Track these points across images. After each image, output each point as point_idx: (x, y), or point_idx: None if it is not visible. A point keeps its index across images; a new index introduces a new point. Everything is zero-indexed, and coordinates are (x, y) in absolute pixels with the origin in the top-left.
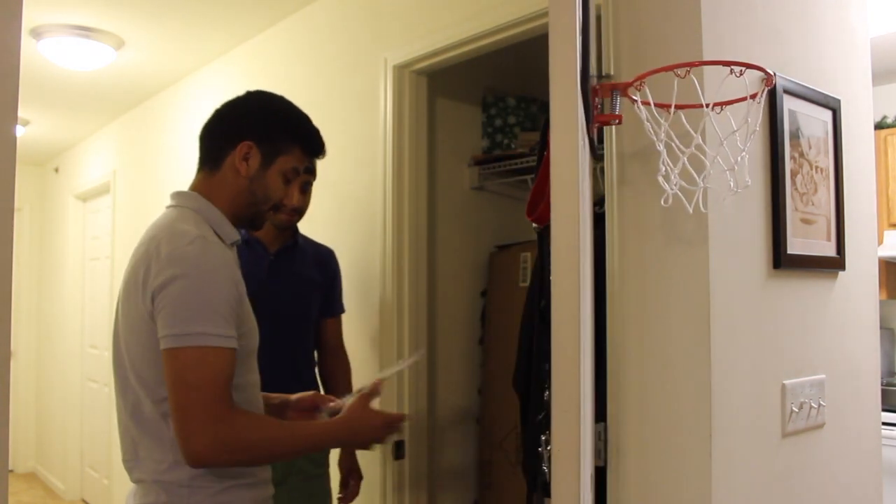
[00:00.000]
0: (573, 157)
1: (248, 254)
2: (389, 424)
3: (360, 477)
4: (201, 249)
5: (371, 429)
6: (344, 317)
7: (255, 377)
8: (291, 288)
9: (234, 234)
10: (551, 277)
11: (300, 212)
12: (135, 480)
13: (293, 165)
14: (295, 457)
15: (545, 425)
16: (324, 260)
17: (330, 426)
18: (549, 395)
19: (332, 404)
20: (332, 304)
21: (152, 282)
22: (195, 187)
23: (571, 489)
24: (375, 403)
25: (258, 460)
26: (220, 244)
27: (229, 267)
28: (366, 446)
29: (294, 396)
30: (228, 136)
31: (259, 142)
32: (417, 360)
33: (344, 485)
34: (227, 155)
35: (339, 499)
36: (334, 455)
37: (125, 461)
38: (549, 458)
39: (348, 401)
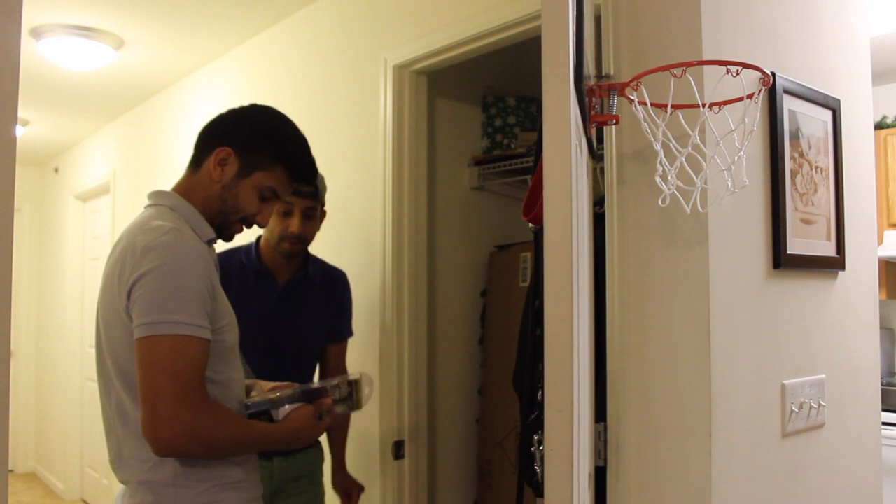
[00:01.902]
0: (566, 157)
1: (259, 285)
2: (316, 428)
3: (359, 489)
4: (175, 240)
5: (309, 431)
6: None
7: (237, 374)
8: (299, 322)
9: (210, 232)
10: (544, 276)
11: (304, 239)
12: (121, 481)
13: (271, 185)
14: (246, 453)
15: (538, 425)
16: (333, 286)
17: (278, 430)
18: (543, 395)
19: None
20: (337, 331)
21: (129, 277)
22: (176, 187)
23: (565, 490)
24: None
25: (217, 455)
26: (195, 237)
27: (204, 260)
28: (303, 445)
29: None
30: (212, 138)
31: (239, 151)
32: (357, 379)
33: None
34: (207, 157)
35: None
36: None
37: (111, 461)
38: (542, 457)
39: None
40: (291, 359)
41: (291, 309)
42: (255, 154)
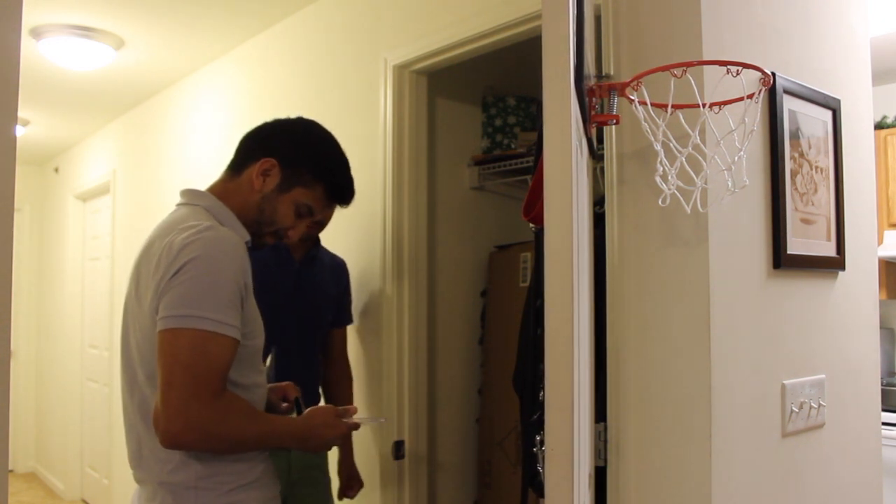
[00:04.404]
0: (566, 157)
1: (276, 260)
2: (347, 430)
3: (360, 484)
4: (214, 236)
5: (328, 429)
6: None
7: (261, 378)
8: (312, 298)
9: (245, 235)
10: (545, 276)
11: (321, 224)
12: (138, 480)
13: (308, 203)
14: (259, 449)
15: (540, 425)
16: (338, 272)
17: (295, 425)
18: (544, 395)
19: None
20: (341, 315)
21: (163, 275)
22: (212, 188)
23: (565, 490)
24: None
25: (228, 450)
26: (234, 234)
27: (240, 257)
28: (318, 447)
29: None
30: (257, 147)
31: (283, 164)
32: (377, 421)
33: (344, 491)
34: (250, 165)
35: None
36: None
37: (130, 460)
38: (544, 458)
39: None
40: (308, 337)
41: (307, 285)
42: (298, 170)
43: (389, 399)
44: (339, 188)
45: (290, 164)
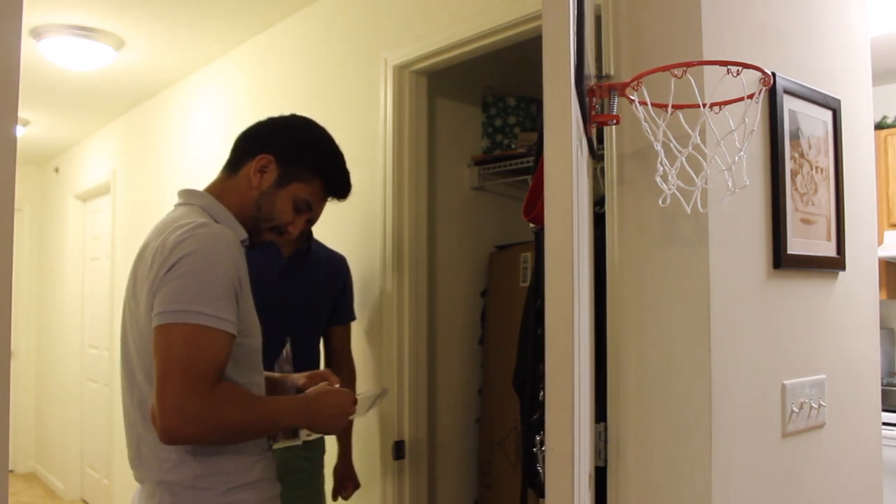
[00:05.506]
0: (566, 157)
1: (262, 256)
2: (349, 398)
3: (356, 485)
4: (206, 233)
5: (331, 396)
6: None
7: (258, 378)
8: (303, 293)
9: (242, 233)
10: (545, 276)
11: (311, 220)
12: (138, 480)
13: (307, 197)
14: (262, 436)
15: (540, 426)
16: (336, 267)
17: (294, 403)
18: (544, 395)
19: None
20: (341, 312)
21: (157, 273)
22: (209, 188)
23: (565, 490)
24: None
25: (229, 440)
26: (228, 231)
27: (233, 254)
28: (328, 421)
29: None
30: (253, 145)
31: (280, 160)
32: (379, 395)
33: (338, 491)
34: (247, 163)
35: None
36: (331, 458)
37: (130, 459)
38: (544, 458)
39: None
40: (301, 333)
41: (298, 281)
42: (295, 165)
43: (390, 398)
44: (336, 182)
45: (288, 159)
